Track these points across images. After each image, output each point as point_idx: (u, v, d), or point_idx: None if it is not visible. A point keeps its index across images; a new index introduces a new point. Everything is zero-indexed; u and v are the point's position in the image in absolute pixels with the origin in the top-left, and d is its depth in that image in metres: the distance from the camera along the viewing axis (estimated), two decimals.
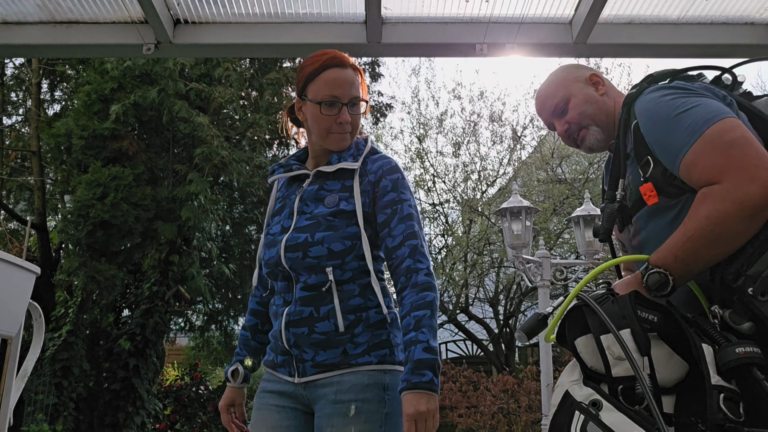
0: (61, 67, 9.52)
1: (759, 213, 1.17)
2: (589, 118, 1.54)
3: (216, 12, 2.42)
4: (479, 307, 12.11)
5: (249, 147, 8.47)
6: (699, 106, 1.28)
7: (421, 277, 1.49)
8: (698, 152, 1.25)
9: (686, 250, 1.21)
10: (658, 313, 1.17)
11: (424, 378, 1.39)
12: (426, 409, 1.37)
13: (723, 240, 1.19)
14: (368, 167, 1.59)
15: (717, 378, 1.10)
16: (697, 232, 1.20)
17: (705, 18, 2.45)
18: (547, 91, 1.61)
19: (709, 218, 1.19)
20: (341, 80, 1.57)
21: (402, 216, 1.53)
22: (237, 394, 1.76)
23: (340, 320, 1.49)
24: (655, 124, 1.33)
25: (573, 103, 1.56)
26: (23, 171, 10.30)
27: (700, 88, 1.34)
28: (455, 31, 2.42)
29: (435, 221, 12.39)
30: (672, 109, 1.30)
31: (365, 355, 1.50)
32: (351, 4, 2.38)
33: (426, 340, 1.42)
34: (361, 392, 1.47)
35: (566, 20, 2.44)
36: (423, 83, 17.14)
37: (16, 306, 2.32)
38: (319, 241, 1.52)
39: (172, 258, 8.43)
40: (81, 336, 8.21)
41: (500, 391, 7.83)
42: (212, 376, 10.74)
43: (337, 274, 1.51)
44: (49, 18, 2.42)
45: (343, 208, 1.54)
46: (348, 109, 1.58)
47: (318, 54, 1.63)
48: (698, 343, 1.13)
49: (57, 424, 7.64)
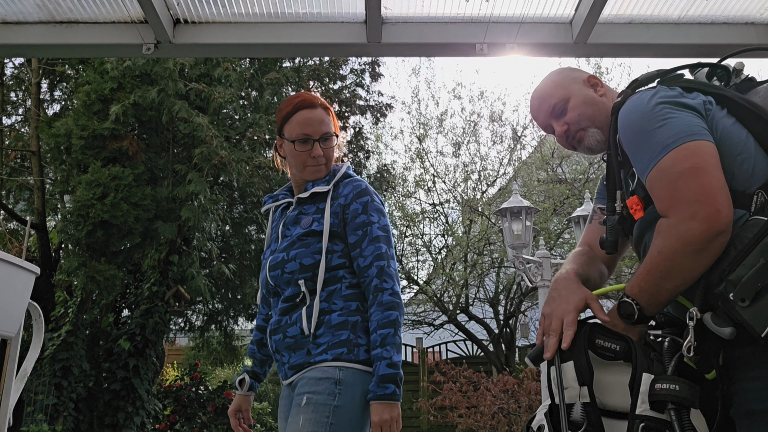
0: (60, 67, 9.52)
1: (704, 248, 1.18)
2: (589, 120, 1.51)
3: (216, 12, 2.41)
4: (479, 307, 12.10)
5: (249, 147, 8.47)
6: (666, 126, 1.27)
7: (386, 297, 1.66)
8: (654, 179, 1.27)
9: (648, 282, 1.25)
10: (621, 342, 1.23)
11: (387, 390, 1.59)
12: (389, 417, 1.58)
13: (676, 274, 1.21)
14: (340, 190, 1.78)
15: (644, 407, 1.15)
16: (653, 266, 1.24)
17: (705, 18, 2.44)
18: (545, 92, 1.57)
19: (660, 254, 1.23)
20: (311, 119, 1.80)
21: (371, 238, 1.71)
22: (244, 401, 1.93)
23: (305, 323, 1.67)
24: (629, 139, 1.34)
25: (572, 103, 1.52)
26: (23, 171, 10.29)
27: (678, 96, 1.32)
28: (455, 31, 2.42)
29: (435, 221, 12.39)
30: (648, 122, 1.30)
31: (323, 353, 1.66)
32: (351, 3, 2.37)
33: (389, 356, 1.61)
34: (314, 385, 1.62)
35: (566, 20, 2.44)
36: (423, 83, 17.17)
37: (16, 306, 2.31)
38: (293, 258, 1.73)
39: (171, 258, 8.42)
40: (81, 336, 8.21)
41: (500, 392, 7.83)
42: (212, 377, 10.74)
43: (309, 285, 1.71)
44: (48, 18, 2.41)
45: (314, 228, 1.74)
46: (320, 144, 1.80)
47: (291, 97, 1.87)
48: (639, 372, 1.17)
49: (57, 425, 7.64)
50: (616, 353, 1.22)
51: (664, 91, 1.34)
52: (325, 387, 1.60)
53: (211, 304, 10.61)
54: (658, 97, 1.33)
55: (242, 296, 10.39)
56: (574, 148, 1.57)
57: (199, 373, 9.37)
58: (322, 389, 1.60)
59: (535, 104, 1.60)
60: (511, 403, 7.62)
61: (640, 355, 1.20)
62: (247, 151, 8.11)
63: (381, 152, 12.57)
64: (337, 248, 1.73)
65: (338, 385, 1.61)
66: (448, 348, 12.75)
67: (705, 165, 1.22)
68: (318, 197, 1.80)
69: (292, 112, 1.82)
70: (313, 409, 1.59)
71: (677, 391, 1.13)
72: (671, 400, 1.13)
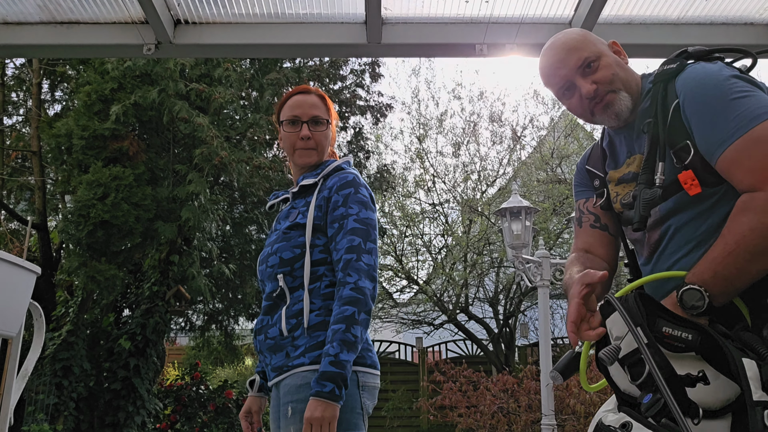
0: (61, 67, 9.52)
1: None
2: (622, 82, 1.36)
3: (216, 12, 2.42)
4: (479, 307, 12.10)
5: (249, 147, 8.47)
6: (751, 97, 1.18)
7: (347, 291, 1.57)
8: (742, 149, 1.15)
9: (727, 266, 1.12)
10: (693, 331, 1.09)
11: (325, 389, 1.49)
12: (321, 415, 1.48)
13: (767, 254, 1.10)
14: (327, 183, 1.72)
15: (761, 393, 1.02)
16: (740, 246, 1.11)
17: (705, 18, 2.45)
18: (575, 43, 1.38)
19: (754, 231, 1.11)
20: (302, 102, 1.79)
21: (346, 230, 1.63)
22: (254, 402, 1.87)
23: (284, 324, 1.62)
24: (701, 107, 1.22)
25: (605, 61, 1.37)
26: (24, 171, 10.30)
27: (750, 77, 1.25)
28: (455, 32, 2.43)
29: (435, 221, 12.38)
30: (725, 91, 1.20)
31: (301, 357, 1.60)
32: (351, 4, 2.38)
33: (335, 353, 1.51)
34: (295, 393, 1.58)
35: (566, 20, 2.44)
36: (423, 83, 17.11)
37: (17, 306, 2.32)
38: (275, 252, 1.69)
39: (172, 258, 8.43)
40: (81, 336, 8.21)
41: (500, 391, 7.82)
42: (212, 376, 10.74)
43: (288, 281, 1.65)
44: (49, 18, 2.42)
45: (298, 221, 1.69)
46: (309, 126, 1.76)
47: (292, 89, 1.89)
48: (738, 358, 1.05)
49: (57, 424, 7.65)
50: (687, 343, 1.08)
51: (727, 68, 1.26)
52: (306, 394, 1.55)
53: (212, 304, 10.62)
54: (729, 70, 1.24)
55: (242, 296, 10.39)
56: (592, 114, 1.40)
57: (199, 373, 9.38)
58: (303, 397, 1.56)
59: (559, 56, 1.40)
60: (510, 403, 7.62)
61: (727, 342, 1.07)
62: (247, 152, 8.11)
63: (381, 152, 12.57)
64: (319, 242, 1.67)
65: None
66: (448, 347, 12.74)
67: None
68: (307, 190, 1.76)
69: (286, 99, 1.84)
70: (299, 418, 1.55)
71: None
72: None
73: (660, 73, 1.34)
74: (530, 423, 7.34)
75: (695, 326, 1.10)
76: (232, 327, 11.24)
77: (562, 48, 1.40)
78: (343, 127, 10.43)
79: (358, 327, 1.55)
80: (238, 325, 11.41)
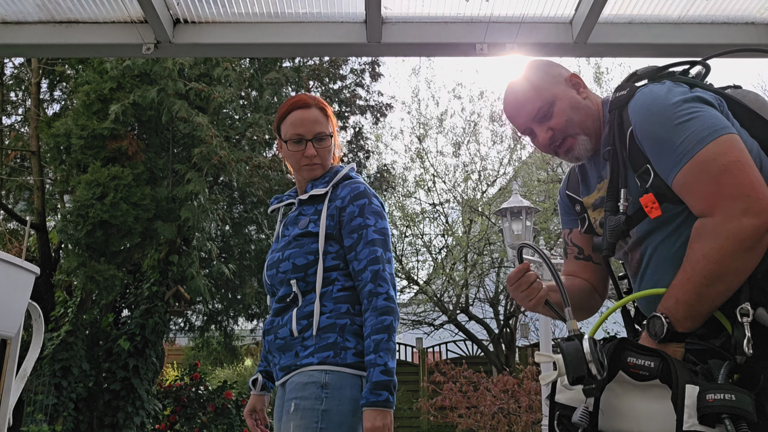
0: (60, 66, 9.51)
1: (755, 246, 1.12)
2: (578, 126, 1.40)
3: (216, 12, 2.41)
4: (479, 308, 12.10)
5: (248, 147, 8.47)
6: (697, 118, 1.20)
7: (381, 301, 1.63)
8: (689, 175, 1.18)
9: (687, 292, 1.15)
10: (655, 359, 1.12)
11: (380, 397, 1.55)
12: (381, 424, 1.54)
13: (724, 278, 1.13)
14: (338, 192, 1.77)
15: (693, 422, 1.03)
16: (696, 272, 1.15)
17: (705, 18, 2.44)
18: (527, 94, 1.43)
19: (707, 257, 1.14)
20: (304, 119, 1.79)
21: (367, 241, 1.69)
22: (258, 401, 1.91)
23: (294, 325, 1.66)
24: (651, 134, 1.25)
25: (558, 107, 1.40)
26: (23, 171, 10.29)
27: (693, 91, 1.27)
28: (455, 31, 2.42)
29: (435, 221, 12.39)
30: (671, 117, 1.22)
31: (309, 356, 1.64)
32: (351, 3, 2.37)
33: (384, 362, 1.58)
34: (300, 390, 1.61)
35: (566, 20, 2.43)
36: (423, 83, 17.16)
37: (16, 306, 2.31)
38: (287, 258, 1.73)
39: (171, 258, 8.42)
40: (80, 336, 8.20)
41: (500, 392, 7.82)
42: (212, 377, 10.73)
43: (301, 286, 1.69)
44: (48, 18, 2.41)
45: (310, 230, 1.73)
46: (313, 143, 1.78)
47: (289, 99, 1.87)
48: (682, 385, 1.06)
49: (56, 425, 7.63)
50: (650, 371, 1.11)
51: (676, 87, 1.28)
52: (312, 392, 1.59)
53: (211, 304, 10.61)
54: (676, 91, 1.26)
55: (242, 296, 10.38)
56: (557, 154, 1.45)
57: (198, 373, 9.36)
58: (308, 394, 1.59)
59: (515, 106, 1.46)
60: (511, 404, 7.62)
61: (679, 367, 1.09)
62: (246, 151, 8.11)
63: (381, 152, 12.57)
64: (331, 250, 1.72)
65: (324, 389, 1.59)
66: (448, 348, 12.75)
67: (747, 158, 1.17)
68: (317, 199, 1.80)
69: (286, 112, 1.82)
70: (301, 415, 1.58)
71: (734, 402, 1.02)
72: (727, 411, 1.02)
73: (613, 101, 1.37)
74: (531, 424, 7.33)
75: (658, 354, 1.13)
76: (232, 327, 11.23)
77: (515, 101, 1.46)
78: (343, 127, 10.43)
79: (395, 335, 1.64)
80: (238, 325, 11.40)
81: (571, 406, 1.16)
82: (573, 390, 1.14)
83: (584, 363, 1.08)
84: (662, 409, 1.09)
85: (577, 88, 1.45)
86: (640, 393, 1.13)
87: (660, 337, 1.15)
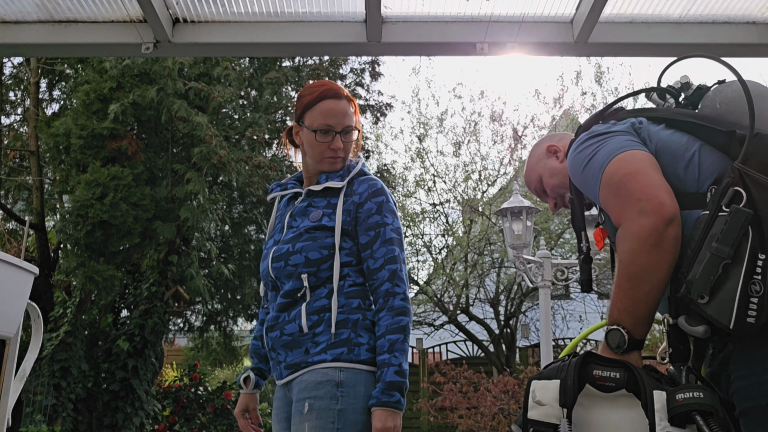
0: (59, 66, 9.50)
1: (658, 242, 1.19)
2: (562, 188, 1.66)
3: (215, 11, 2.40)
4: (480, 308, 12.09)
5: (248, 146, 8.46)
6: (599, 151, 1.35)
7: (398, 301, 1.61)
8: (602, 198, 1.34)
9: (621, 299, 1.23)
10: (620, 369, 1.17)
11: (392, 398, 1.53)
12: (393, 425, 1.52)
13: (642, 277, 1.20)
14: (354, 188, 1.72)
15: (665, 425, 1.09)
16: (620, 276, 1.24)
17: (706, 17, 2.43)
18: (527, 178, 1.77)
19: (622, 261, 1.24)
20: (336, 110, 1.72)
21: (384, 240, 1.66)
22: (250, 400, 1.86)
23: (304, 321, 1.61)
24: (576, 178, 1.45)
25: (545, 181, 1.70)
26: (22, 171, 10.28)
27: (609, 127, 1.41)
28: (456, 30, 2.41)
29: (435, 221, 12.37)
30: (581, 160, 1.39)
31: (322, 353, 1.59)
32: (351, 3, 2.36)
33: (398, 363, 1.55)
34: (314, 390, 1.56)
35: (567, 19, 2.43)
36: (423, 82, 17.15)
37: (15, 306, 2.30)
38: (298, 250, 1.66)
39: (171, 258, 8.41)
40: (79, 336, 8.19)
41: (501, 392, 7.82)
42: (211, 377, 10.73)
43: (312, 281, 1.64)
44: (47, 17, 2.40)
45: (324, 224, 1.67)
46: (341, 137, 1.73)
47: (316, 84, 1.79)
48: (649, 390, 1.12)
49: (55, 425, 7.62)
50: (617, 382, 1.16)
51: (596, 127, 1.44)
52: (327, 391, 1.54)
53: (211, 305, 10.60)
54: (590, 132, 1.43)
55: (241, 296, 10.37)
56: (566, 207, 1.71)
57: (198, 374, 9.36)
58: (323, 393, 1.54)
59: (527, 187, 1.79)
60: (511, 404, 7.62)
61: (644, 375, 1.15)
62: (246, 151, 8.10)
63: (381, 152, 12.56)
64: (345, 246, 1.66)
65: (340, 388, 1.55)
66: (449, 348, 12.74)
67: (639, 168, 1.28)
68: (330, 192, 1.73)
69: (316, 100, 1.73)
70: (316, 415, 1.53)
71: (702, 399, 1.09)
72: (696, 408, 1.08)
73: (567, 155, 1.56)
74: None
75: (622, 364, 1.18)
76: (231, 328, 11.22)
77: (525, 182, 1.81)
78: None
79: (409, 335, 1.62)
80: (237, 325, 11.40)
81: (546, 422, 1.18)
82: (545, 406, 1.18)
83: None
84: (632, 417, 1.14)
85: (556, 154, 1.70)
86: (608, 404, 1.18)
87: (623, 347, 1.20)
